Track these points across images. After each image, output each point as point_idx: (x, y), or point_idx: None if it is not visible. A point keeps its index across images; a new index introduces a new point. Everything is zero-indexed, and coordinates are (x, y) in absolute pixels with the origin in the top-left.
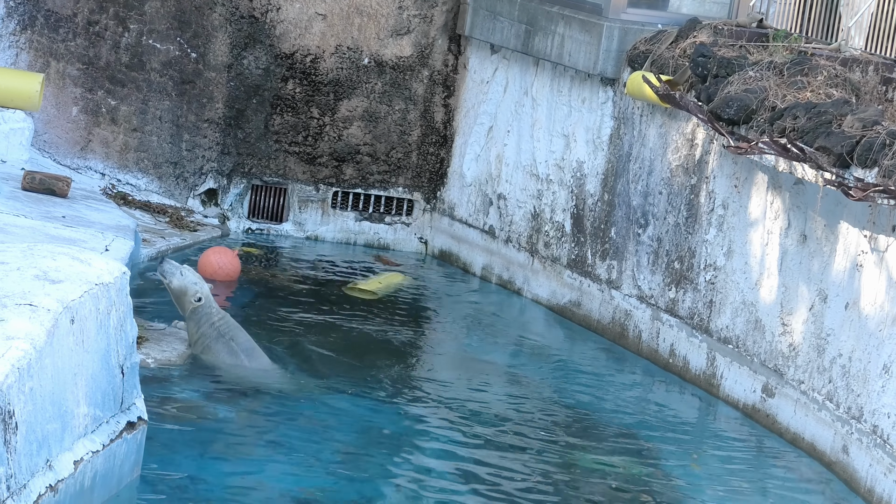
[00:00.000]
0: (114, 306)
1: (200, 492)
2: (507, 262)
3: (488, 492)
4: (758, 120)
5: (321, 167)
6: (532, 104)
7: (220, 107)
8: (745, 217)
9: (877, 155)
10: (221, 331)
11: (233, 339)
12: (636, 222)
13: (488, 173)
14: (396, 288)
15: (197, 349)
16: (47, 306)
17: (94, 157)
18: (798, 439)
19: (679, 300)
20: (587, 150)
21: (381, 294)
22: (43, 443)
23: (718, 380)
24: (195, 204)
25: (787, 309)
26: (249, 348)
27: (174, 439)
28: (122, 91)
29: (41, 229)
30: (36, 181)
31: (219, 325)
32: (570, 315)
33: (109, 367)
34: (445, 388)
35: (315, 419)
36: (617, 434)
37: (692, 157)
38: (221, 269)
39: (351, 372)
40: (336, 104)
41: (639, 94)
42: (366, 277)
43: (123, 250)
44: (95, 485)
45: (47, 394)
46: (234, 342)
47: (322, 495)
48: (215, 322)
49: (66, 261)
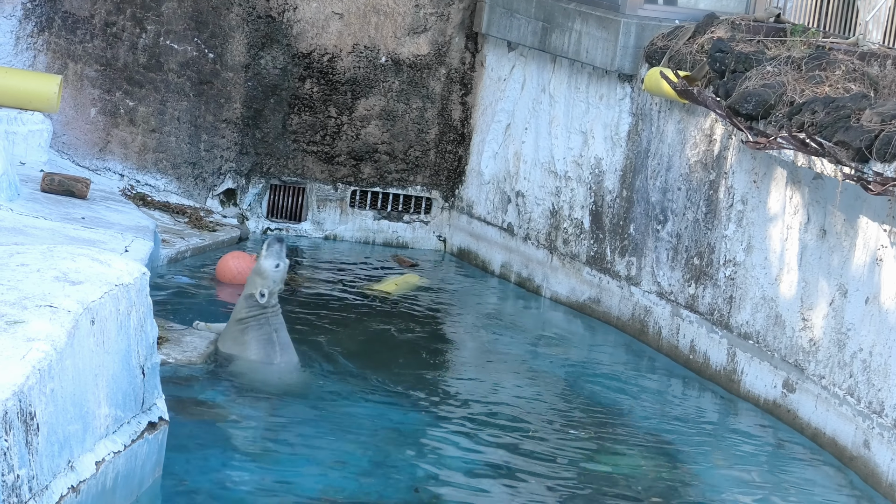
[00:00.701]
0: (134, 307)
1: (222, 492)
2: (525, 259)
3: (510, 491)
4: (776, 115)
5: (339, 166)
6: (550, 101)
7: (238, 107)
8: (764, 212)
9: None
10: (271, 321)
11: (276, 331)
12: (655, 218)
13: (506, 171)
14: (412, 288)
15: (230, 332)
16: (67, 307)
17: (113, 159)
18: (819, 434)
19: (699, 296)
20: (605, 146)
21: (396, 294)
22: (64, 444)
23: (739, 375)
24: (214, 204)
25: (808, 304)
26: (286, 344)
27: (195, 439)
28: (141, 92)
29: (61, 231)
30: (55, 183)
31: (270, 314)
32: (589, 312)
33: (130, 367)
34: (465, 387)
35: (336, 418)
36: (637, 431)
37: (711, 153)
38: (241, 273)
39: (371, 371)
40: (353, 103)
41: (657, 90)
42: (380, 280)
43: (143, 251)
44: (117, 485)
45: (68, 395)
46: (276, 334)
47: (345, 495)
48: (268, 312)
49: (86, 262)
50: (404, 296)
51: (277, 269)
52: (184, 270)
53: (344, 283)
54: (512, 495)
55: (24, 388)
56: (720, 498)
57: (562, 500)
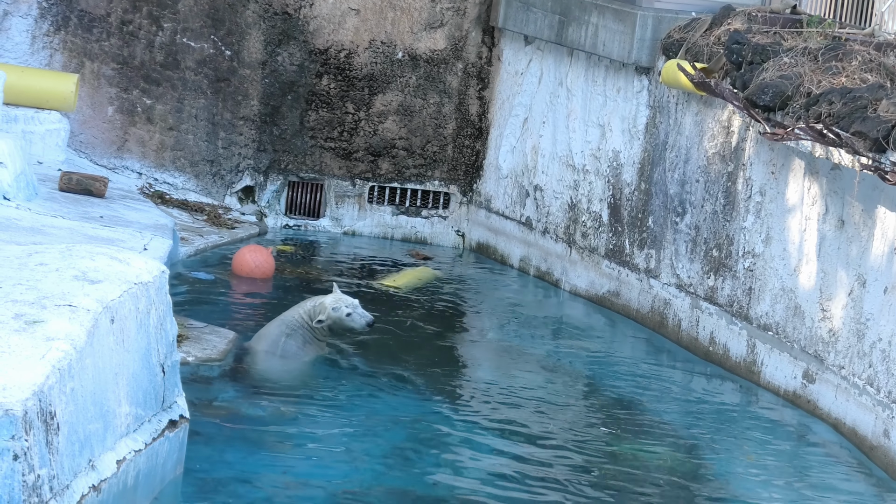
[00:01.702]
0: (153, 305)
1: (243, 489)
2: (544, 253)
3: (529, 485)
4: (793, 106)
5: (357, 162)
6: (567, 94)
7: (256, 104)
8: (782, 203)
9: None
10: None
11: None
12: (673, 211)
13: (524, 165)
14: (425, 283)
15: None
16: (87, 306)
17: (131, 157)
18: (839, 424)
19: (718, 288)
20: (623, 139)
21: (407, 289)
22: (85, 443)
23: (759, 367)
24: (232, 201)
25: (827, 294)
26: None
27: (216, 437)
28: (158, 90)
29: (79, 230)
30: (73, 182)
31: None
32: (608, 305)
33: (150, 365)
34: (484, 381)
35: (355, 414)
36: (657, 423)
37: (728, 145)
38: (258, 267)
39: (389, 366)
40: (371, 99)
41: (674, 83)
42: (392, 274)
43: (162, 249)
44: (138, 484)
45: (88, 394)
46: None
47: (366, 491)
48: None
49: (105, 261)
50: (422, 290)
51: (336, 310)
52: (203, 268)
53: (362, 279)
54: (530, 488)
55: (45, 387)
56: (741, 489)
57: (581, 494)
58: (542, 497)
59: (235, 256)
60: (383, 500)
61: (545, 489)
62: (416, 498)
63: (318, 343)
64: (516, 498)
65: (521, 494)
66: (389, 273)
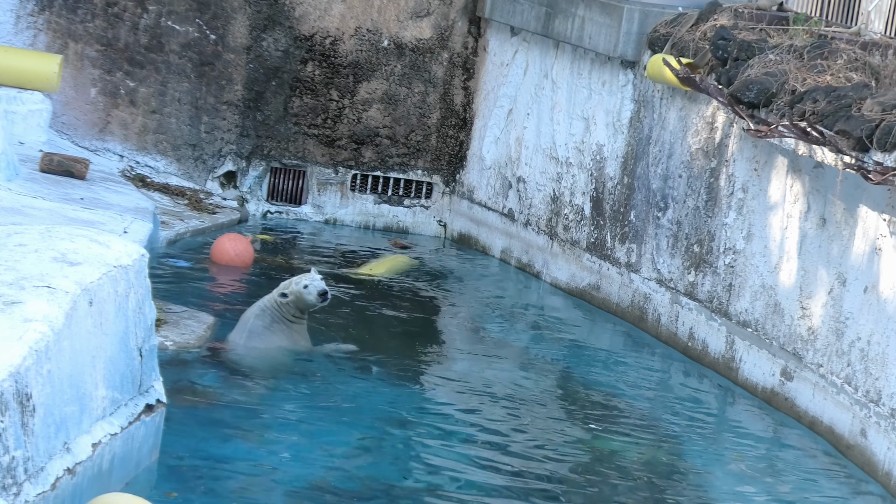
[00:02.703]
0: (132, 289)
1: (219, 476)
2: (526, 245)
3: (506, 477)
4: (778, 103)
5: (340, 150)
6: (552, 87)
7: (239, 89)
8: (764, 200)
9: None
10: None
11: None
12: (656, 205)
13: (508, 156)
14: (401, 271)
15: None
16: (65, 288)
17: (113, 139)
18: (816, 423)
19: (698, 283)
20: (607, 133)
21: (383, 277)
22: (61, 425)
23: (737, 363)
24: (214, 186)
25: (807, 292)
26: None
27: (193, 422)
28: (141, 73)
29: (59, 211)
30: (54, 163)
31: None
32: (588, 298)
33: (128, 349)
34: (463, 373)
35: (333, 403)
36: (635, 418)
37: (712, 141)
38: (238, 255)
39: (368, 356)
40: (355, 86)
41: (659, 77)
42: (368, 261)
43: (142, 232)
44: (113, 468)
45: (65, 376)
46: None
47: (342, 480)
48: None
49: (85, 243)
50: (401, 280)
51: (297, 283)
52: (183, 252)
53: (341, 268)
54: (506, 482)
55: (21, 369)
56: (717, 486)
57: (555, 488)
58: (516, 490)
59: (215, 244)
60: (360, 490)
61: (519, 483)
62: (391, 488)
63: (290, 327)
64: (490, 490)
65: (495, 487)
66: (366, 261)
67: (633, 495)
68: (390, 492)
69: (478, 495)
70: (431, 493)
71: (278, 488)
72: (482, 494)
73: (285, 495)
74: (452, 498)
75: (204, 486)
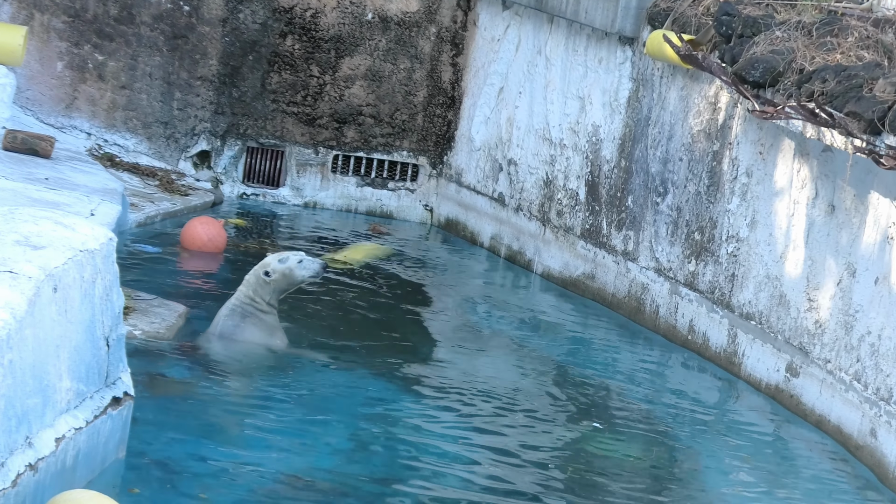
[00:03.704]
0: (99, 274)
1: (189, 473)
2: (517, 231)
3: (494, 475)
4: (785, 83)
5: (321, 129)
6: (546, 64)
7: (214, 63)
8: (770, 186)
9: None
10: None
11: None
12: (654, 190)
13: (498, 137)
14: (376, 258)
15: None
16: (28, 273)
17: (80, 116)
18: (823, 421)
19: (699, 273)
20: (603, 113)
21: (357, 265)
22: (22, 418)
23: (740, 358)
24: (187, 167)
25: (814, 283)
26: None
27: (163, 417)
28: (110, 46)
29: (22, 192)
30: (17, 140)
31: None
32: (583, 288)
33: (94, 338)
34: (449, 366)
35: (311, 396)
36: (631, 415)
37: (715, 122)
38: (212, 240)
39: (349, 348)
40: (337, 62)
41: (659, 55)
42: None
43: (110, 215)
44: (78, 464)
45: (28, 366)
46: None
47: (319, 475)
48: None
49: (49, 225)
50: (384, 268)
51: (283, 261)
52: (153, 237)
53: (320, 254)
54: (495, 478)
55: None
56: (717, 488)
57: (545, 485)
58: (505, 489)
59: (185, 228)
60: (338, 489)
61: (508, 481)
62: (372, 485)
63: (262, 320)
64: (477, 488)
65: (482, 486)
66: (339, 249)
67: (627, 497)
68: (369, 491)
69: (464, 494)
70: (412, 492)
71: (251, 486)
72: (468, 493)
73: (258, 494)
74: (434, 497)
75: (172, 483)
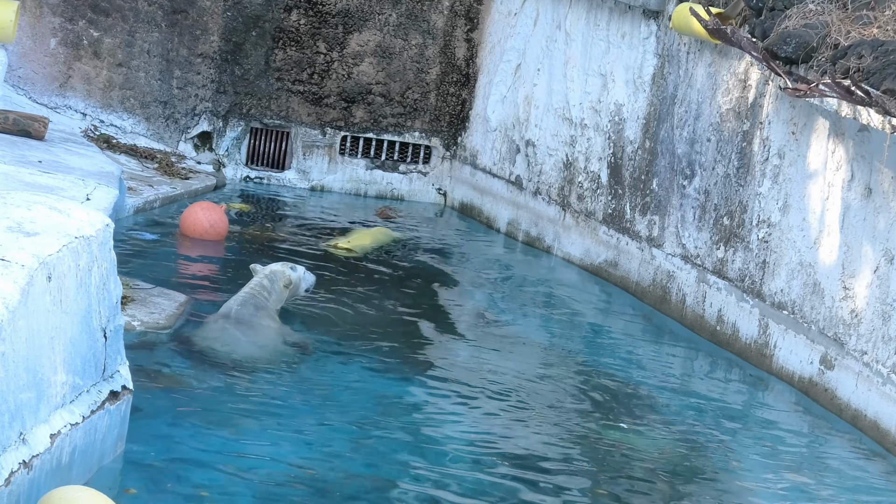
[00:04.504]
0: (96, 262)
1: (191, 471)
2: (535, 216)
3: (508, 470)
4: (818, 59)
5: (328, 109)
6: (565, 39)
7: (216, 39)
8: (803, 167)
9: None
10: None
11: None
12: (681, 173)
13: (515, 117)
14: (381, 244)
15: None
16: (21, 261)
17: (75, 95)
18: (859, 417)
19: (728, 260)
20: (627, 91)
21: (361, 251)
22: (16, 414)
23: (771, 350)
24: (187, 148)
25: (850, 271)
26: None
27: (162, 411)
28: (106, 21)
29: (15, 175)
30: (9, 121)
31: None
32: (605, 276)
33: (90, 330)
34: (463, 356)
35: (317, 388)
36: (656, 410)
37: (745, 100)
38: (213, 227)
39: (359, 338)
40: (345, 38)
41: (686, 29)
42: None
43: (107, 200)
44: (74, 461)
45: (21, 359)
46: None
47: (324, 471)
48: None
49: (43, 211)
50: (396, 255)
51: (295, 269)
52: (152, 223)
53: (327, 241)
54: (509, 473)
55: None
56: (747, 486)
57: (564, 482)
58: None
59: (185, 214)
60: (345, 485)
61: (524, 477)
62: (380, 482)
63: (272, 317)
64: (491, 484)
65: (498, 481)
66: (344, 234)
67: (651, 496)
68: (378, 489)
69: (477, 492)
70: (424, 489)
71: (253, 484)
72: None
73: (260, 492)
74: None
75: (172, 481)
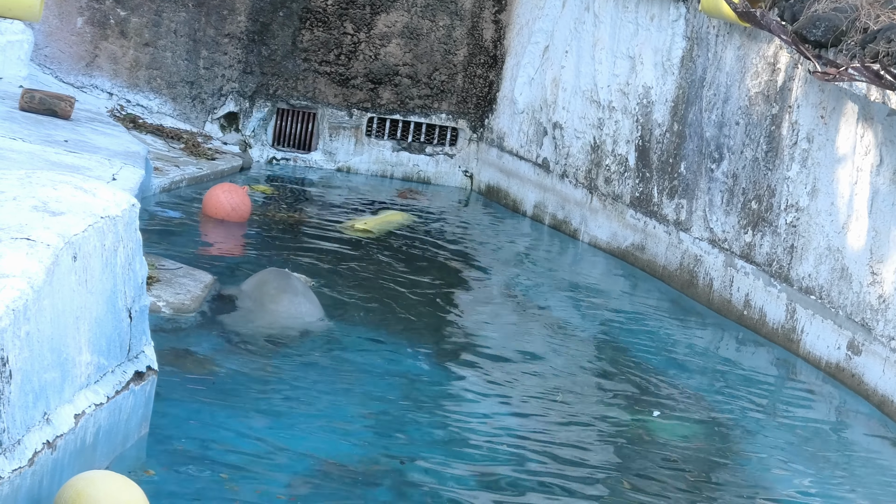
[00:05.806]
0: (121, 242)
1: (216, 451)
2: (562, 199)
3: (533, 458)
4: (848, 43)
5: (355, 90)
6: (594, 21)
7: (243, 20)
8: (831, 152)
9: None
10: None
11: None
12: (709, 156)
13: (543, 99)
14: (397, 227)
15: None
16: (47, 241)
17: (101, 75)
18: (886, 403)
19: (756, 245)
20: (655, 73)
21: (379, 233)
22: (40, 394)
23: (798, 335)
24: (213, 129)
25: (878, 256)
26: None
27: (187, 392)
28: (133, 0)
29: (41, 154)
30: (35, 100)
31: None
32: (632, 260)
33: (116, 310)
34: (488, 340)
35: (341, 373)
36: (682, 395)
37: (774, 84)
38: (235, 210)
39: (383, 322)
40: (373, 19)
41: (715, 12)
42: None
43: (133, 179)
44: (98, 441)
45: (46, 339)
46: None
47: (349, 456)
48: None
49: (69, 190)
50: (425, 237)
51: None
52: (178, 203)
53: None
54: (534, 461)
55: None
56: (774, 471)
57: (592, 471)
58: (545, 473)
59: (207, 196)
60: (370, 471)
61: (548, 464)
62: (405, 467)
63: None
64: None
65: (522, 470)
66: (360, 216)
67: (678, 483)
68: (405, 475)
69: (503, 479)
70: (450, 475)
71: (279, 469)
72: (508, 478)
73: (287, 476)
74: (473, 481)
75: (195, 462)
